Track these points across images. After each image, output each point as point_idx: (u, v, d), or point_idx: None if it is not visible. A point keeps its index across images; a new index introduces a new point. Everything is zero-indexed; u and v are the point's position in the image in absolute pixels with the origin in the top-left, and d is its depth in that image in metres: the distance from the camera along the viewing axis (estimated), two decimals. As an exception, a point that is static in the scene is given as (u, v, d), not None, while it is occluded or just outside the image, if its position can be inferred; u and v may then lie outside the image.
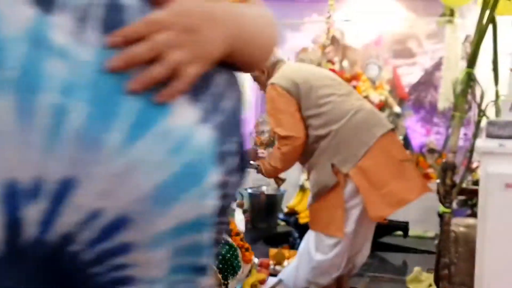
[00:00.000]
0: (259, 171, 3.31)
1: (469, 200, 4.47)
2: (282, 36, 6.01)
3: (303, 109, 3.12)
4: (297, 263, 3.19)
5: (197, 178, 0.56)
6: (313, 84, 3.12)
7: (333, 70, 5.10)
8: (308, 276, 3.13)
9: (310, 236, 3.16)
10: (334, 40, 5.40)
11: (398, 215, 5.11)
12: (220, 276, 2.52)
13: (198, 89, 0.58)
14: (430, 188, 3.29)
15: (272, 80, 3.17)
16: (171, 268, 0.58)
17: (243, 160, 0.64)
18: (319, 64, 5.43)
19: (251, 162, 3.29)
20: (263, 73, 3.31)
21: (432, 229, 4.88)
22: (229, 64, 0.65)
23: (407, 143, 5.53)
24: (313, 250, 3.13)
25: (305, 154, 3.18)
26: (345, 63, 5.62)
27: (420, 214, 5.12)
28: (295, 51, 5.76)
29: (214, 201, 0.58)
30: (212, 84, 0.60)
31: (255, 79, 3.39)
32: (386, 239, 4.76)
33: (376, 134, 3.05)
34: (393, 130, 3.19)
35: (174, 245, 0.57)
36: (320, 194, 3.13)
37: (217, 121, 0.59)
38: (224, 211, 0.62)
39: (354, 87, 5.21)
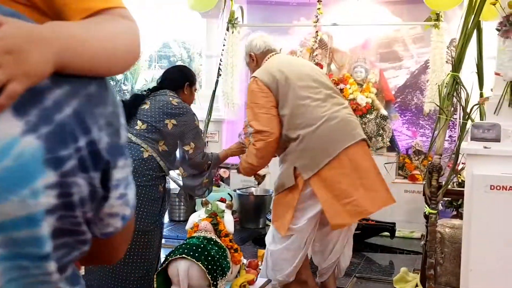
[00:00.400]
0: (238, 171, 3.37)
1: (454, 201, 4.53)
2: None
3: (279, 106, 3.16)
4: (265, 255, 3.29)
5: (23, 181, 0.65)
6: (292, 84, 3.15)
7: (321, 73, 5.15)
8: (268, 268, 3.23)
9: (271, 227, 3.30)
10: (322, 44, 5.46)
11: (385, 216, 5.18)
12: (209, 276, 2.54)
13: (25, 104, 0.65)
14: (394, 199, 3.34)
15: (255, 73, 3.23)
16: (5, 256, 0.67)
17: (96, 161, 0.71)
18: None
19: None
20: (252, 60, 3.38)
21: (418, 230, 4.93)
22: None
23: (393, 145, 5.60)
24: (270, 240, 3.25)
25: (278, 150, 3.26)
26: (333, 66, 5.68)
27: (406, 215, 5.19)
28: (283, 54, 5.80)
29: (48, 199, 0.67)
30: (43, 98, 0.67)
31: (247, 64, 3.47)
32: (373, 240, 4.81)
33: (342, 146, 3.06)
34: (364, 140, 3.21)
35: (6, 237, 0.66)
36: (278, 190, 3.23)
37: (46, 131, 0.66)
38: (69, 206, 0.70)
39: (342, 90, 5.27)
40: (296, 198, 3.11)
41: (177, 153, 3.13)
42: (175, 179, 3.39)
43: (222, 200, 3.13)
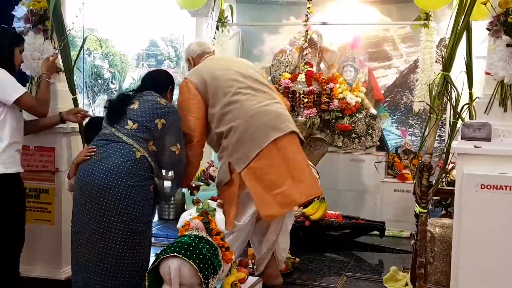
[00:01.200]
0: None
1: (444, 200, 4.55)
2: (260, 38, 6.04)
3: (210, 105, 3.27)
4: None
5: None
6: (221, 81, 3.27)
7: (310, 72, 5.15)
8: None
9: None
10: (311, 43, 5.45)
11: (374, 216, 5.19)
12: (201, 275, 2.53)
13: None
14: (321, 191, 3.45)
15: (187, 74, 3.38)
16: None
17: None
18: (297, 67, 5.48)
19: None
20: (190, 64, 3.54)
21: (407, 229, 4.95)
22: None
23: (383, 144, 5.61)
24: None
25: (215, 148, 3.40)
26: (323, 65, 5.68)
27: (396, 214, 5.21)
28: (273, 52, 5.79)
29: None
30: None
31: (188, 69, 3.59)
32: (363, 239, 4.82)
33: (271, 137, 3.16)
34: (294, 133, 3.30)
35: None
36: (218, 188, 3.35)
37: None
38: None
39: (331, 89, 5.27)
40: (235, 194, 3.21)
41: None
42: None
43: (213, 199, 3.13)
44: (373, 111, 5.52)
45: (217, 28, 5.58)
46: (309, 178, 3.30)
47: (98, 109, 21.41)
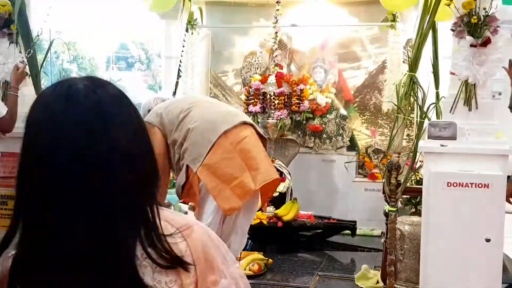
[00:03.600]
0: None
1: (413, 198, 4.61)
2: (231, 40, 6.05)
3: (171, 134, 3.27)
4: None
5: None
6: (171, 106, 3.31)
7: (281, 74, 5.18)
8: None
9: None
10: (281, 45, 5.48)
11: (346, 215, 5.25)
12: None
13: None
14: (276, 174, 3.40)
15: (145, 118, 3.32)
16: None
17: None
18: (267, 68, 5.50)
19: None
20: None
21: (379, 228, 5.01)
22: None
23: (353, 144, 5.67)
24: None
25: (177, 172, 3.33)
26: (293, 67, 5.72)
27: (367, 213, 5.27)
28: (243, 54, 5.80)
29: None
30: None
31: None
32: (335, 239, 4.86)
33: (220, 131, 3.17)
34: (246, 123, 3.30)
35: None
36: (177, 193, 3.30)
37: None
38: None
39: (302, 90, 5.31)
40: (196, 194, 3.20)
41: None
42: None
43: (185, 202, 3.12)
44: (343, 111, 5.57)
45: (186, 31, 5.57)
46: (264, 164, 3.27)
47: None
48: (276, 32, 5.30)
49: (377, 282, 3.73)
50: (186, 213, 2.88)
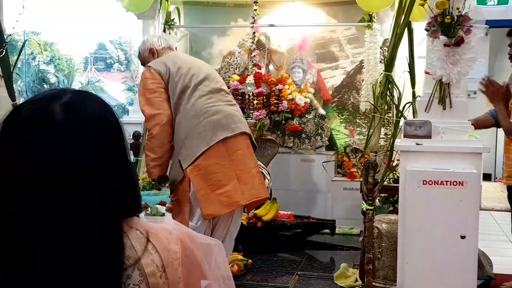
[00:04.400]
0: (149, 174, 3.32)
1: (391, 197, 4.66)
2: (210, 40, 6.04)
3: (170, 94, 3.26)
4: None
5: None
6: (182, 76, 3.26)
7: (259, 74, 5.18)
8: None
9: None
10: (259, 45, 5.49)
11: (325, 214, 5.28)
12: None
13: None
14: (267, 193, 3.46)
15: (150, 63, 3.34)
16: None
17: None
18: (246, 69, 5.51)
19: None
20: (153, 55, 3.48)
21: (358, 226, 5.05)
22: None
23: (332, 143, 5.71)
24: None
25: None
26: (271, 67, 5.73)
27: (346, 212, 5.30)
28: (222, 55, 5.80)
29: None
30: None
31: (145, 60, 3.51)
32: (314, 238, 4.89)
33: (220, 136, 3.18)
34: (245, 134, 3.32)
35: None
36: (172, 189, 3.29)
37: None
38: None
39: (280, 90, 5.32)
40: (187, 191, 3.21)
41: None
42: None
43: (162, 204, 3.11)
44: (321, 111, 5.60)
45: (164, 31, 5.55)
46: (255, 180, 3.31)
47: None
48: (254, 33, 5.31)
49: (356, 280, 3.76)
50: (163, 215, 2.87)
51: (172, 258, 0.96)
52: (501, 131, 4.06)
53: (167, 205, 2.97)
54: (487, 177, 9.99)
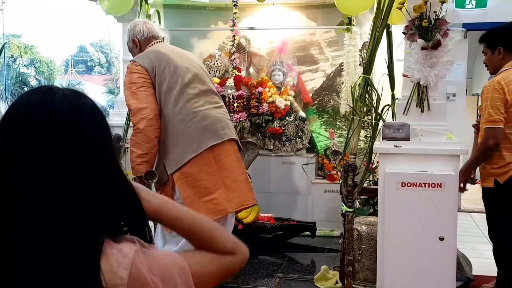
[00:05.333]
0: (134, 172, 3.20)
1: (371, 199, 4.69)
2: (189, 43, 6.01)
3: (156, 91, 3.17)
4: None
5: None
6: (168, 75, 3.16)
7: (239, 77, 5.18)
8: None
9: (158, 227, 3.23)
10: (239, 47, 5.49)
11: (306, 216, 5.28)
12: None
13: None
14: (255, 201, 3.42)
15: (135, 57, 3.24)
16: None
17: None
18: (226, 71, 5.50)
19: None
20: (136, 46, 3.38)
21: (338, 228, 5.06)
22: None
23: (312, 146, 5.72)
24: (161, 243, 3.22)
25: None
26: (252, 70, 5.73)
27: (326, 214, 5.32)
28: (202, 57, 5.78)
29: None
30: None
31: (130, 50, 3.45)
32: (295, 240, 4.89)
33: (208, 144, 3.14)
34: (233, 140, 3.29)
35: None
36: (157, 187, 3.23)
37: None
38: None
39: (260, 93, 5.32)
40: (170, 195, 3.15)
41: None
42: None
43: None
44: (302, 114, 5.61)
45: (144, 34, 5.50)
46: (243, 187, 3.28)
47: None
48: (234, 35, 5.30)
49: (336, 282, 3.77)
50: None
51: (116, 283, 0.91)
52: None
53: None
54: (466, 178, 10.09)
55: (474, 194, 6.29)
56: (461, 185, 3.36)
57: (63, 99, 0.94)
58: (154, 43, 3.36)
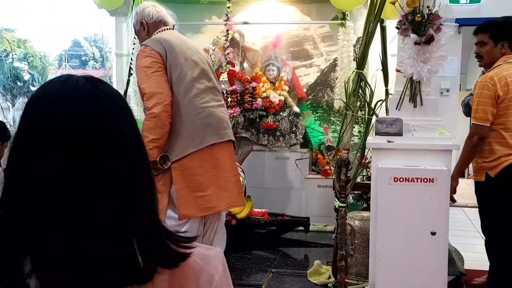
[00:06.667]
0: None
1: (365, 194, 4.70)
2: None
3: (174, 77, 3.14)
4: None
5: None
6: (179, 66, 3.14)
7: (233, 72, 5.17)
8: None
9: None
10: (233, 42, 5.47)
11: (299, 211, 5.29)
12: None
13: None
14: (243, 202, 3.46)
15: (146, 41, 3.19)
16: None
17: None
18: (220, 66, 5.49)
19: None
20: (144, 29, 3.34)
21: (332, 223, 5.08)
22: None
23: (306, 141, 5.72)
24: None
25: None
26: (246, 65, 5.71)
27: (320, 209, 5.33)
28: (195, 52, 5.76)
29: None
30: None
31: (137, 33, 3.42)
32: (289, 235, 4.89)
33: (209, 141, 3.16)
34: (231, 141, 3.32)
35: None
36: (157, 173, 3.18)
37: None
38: None
39: (254, 88, 5.31)
40: (168, 184, 3.17)
41: None
42: None
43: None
44: (296, 109, 5.61)
45: (137, 28, 5.48)
46: (234, 189, 3.30)
47: (18, 113, 20.48)
48: (227, 30, 5.29)
49: (329, 277, 3.78)
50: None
51: None
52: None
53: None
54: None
55: (467, 189, 6.31)
56: (453, 194, 3.36)
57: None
58: (164, 29, 3.32)
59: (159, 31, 3.30)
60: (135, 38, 5.46)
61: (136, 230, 0.90)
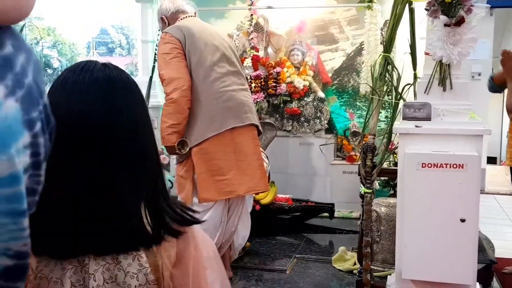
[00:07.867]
0: (167, 151, 3.25)
1: (391, 180, 4.62)
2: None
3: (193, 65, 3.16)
4: None
5: (11, 141, 0.69)
6: (199, 51, 3.16)
7: (256, 57, 5.12)
8: None
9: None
10: (258, 27, 5.41)
11: (324, 198, 5.24)
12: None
13: (1, 69, 0.71)
14: (267, 187, 3.45)
15: (167, 29, 3.24)
16: None
17: (48, 123, 0.79)
18: (244, 51, 5.44)
19: None
20: (165, 23, 3.39)
21: (357, 210, 5.01)
22: None
23: (331, 127, 5.65)
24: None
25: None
26: (270, 50, 5.65)
27: (345, 195, 5.27)
28: (220, 37, 5.72)
29: (25, 158, 0.72)
30: (13, 64, 0.72)
31: (161, 29, 3.43)
32: (313, 221, 4.85)
33: (229, 125, 3.15)
34: (253, 125, 3.28)
35: None
36: (178, 160, 3.26)
37: (21, 94, 0.72)
38: (37, 165, 0.76)
39: (278, 73, 5.25)
40: (191, 170, 3.17)
41: None
42: None
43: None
44: (321, 94, 5.54)
45: (161, 14, 5.46)
46: (256, 173, 3.28)
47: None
48: (251, 15, 5.23)
49: (354, 263, 3.73)
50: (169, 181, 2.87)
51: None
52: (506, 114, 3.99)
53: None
54: (492, 160, 9.93)
55: (499, 176, 6.18)
56: None
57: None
58: (184, 17, 3.36)
59: (180, 20, 3.33)
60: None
61: (146, 197, 1.02)
